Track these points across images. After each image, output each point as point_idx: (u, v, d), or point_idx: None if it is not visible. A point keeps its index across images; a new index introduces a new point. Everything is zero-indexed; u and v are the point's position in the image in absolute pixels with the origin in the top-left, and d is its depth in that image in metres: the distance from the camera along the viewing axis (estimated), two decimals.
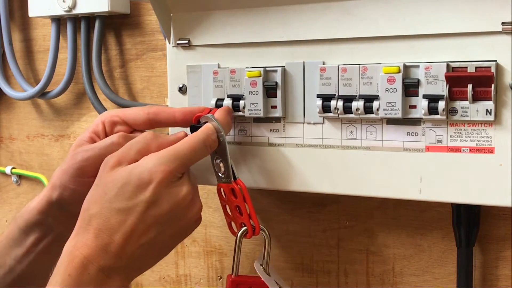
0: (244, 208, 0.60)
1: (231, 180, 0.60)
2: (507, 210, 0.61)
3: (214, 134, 0.58)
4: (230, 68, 0.62)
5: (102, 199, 0.52)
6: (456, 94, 0.53)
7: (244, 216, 0.60)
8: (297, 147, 0.61)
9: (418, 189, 0.56)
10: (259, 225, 0.60)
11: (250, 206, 0.60)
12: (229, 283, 0.62)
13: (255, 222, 0.60)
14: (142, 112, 0.61)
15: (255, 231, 0.60)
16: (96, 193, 0.53)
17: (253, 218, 0.60)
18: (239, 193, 0.59)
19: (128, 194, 0.52)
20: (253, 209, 0.60)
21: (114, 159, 0.54)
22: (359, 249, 0.69)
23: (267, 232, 0.62)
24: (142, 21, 0.79)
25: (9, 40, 0.86)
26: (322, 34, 0.58)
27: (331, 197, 0.69)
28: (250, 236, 0.60)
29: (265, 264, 0.63)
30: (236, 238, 0.61)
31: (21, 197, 0.93)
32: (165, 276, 0.82)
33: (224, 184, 0.60)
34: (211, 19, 0.63)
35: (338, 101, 0.57)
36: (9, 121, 0.93)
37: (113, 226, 0.51)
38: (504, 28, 0.51)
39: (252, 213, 0.60)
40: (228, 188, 0.60)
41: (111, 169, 0.54)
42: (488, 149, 0.53)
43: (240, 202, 0.60)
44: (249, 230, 0.60)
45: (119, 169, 0.54)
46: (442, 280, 0.65)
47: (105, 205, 0.52)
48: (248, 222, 0.60)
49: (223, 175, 0.60)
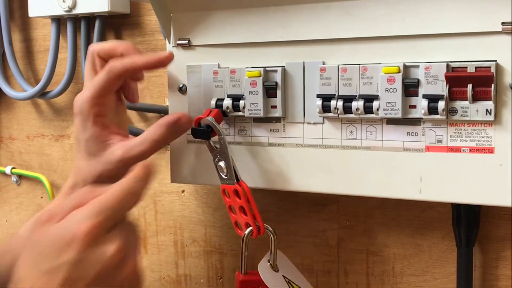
0: (248, 209, 0.61)
1: (234, 181, 0.60)
2: (507, 210, 0.61)
3: (141, 182, 0.51)
4: (230, 68, 0.62)
5: (31, 260, 0.48)
6: (456, 94, 0.53)
7: (249, 217, 0.61)
8: (297, 147, 0.61)
9: (418, 189, 0.56)
10: (263, 225, 0.61)
11: (254, 207, 0.61)
12: (239, 283, 0.63)
13: (260, 222, 0.61)
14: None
15: (260, 231, 0.61)
16: (26, 253, 0.49)
17: (258, 218, 0.61)
18: (243, 194, 0.60)
19: (54, 253, 0.47)
20: (257, 210, 0.61)
21: (46, 214, 0.50)
22: (359, 249, 0.69)
23: (272, 230, 0.63)
24: (142, 21, 0.79)
25: (9, 40, 0.86)
26: (322, 34, 0.58)
27: (331, 197, 0.69)
28: (255, 236, 0.61)
29: (273, 260, 0.63)
30: (243, 238, 0.61)
31: (21, 197, 0.93)
32: (165, 276, 0.82)
33: (227, 185, 0.61)
34: (211, 19, 0.63)
35: (338, 101, 0.57)
36: (9, 121, 0.93)
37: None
38: (504, 28, 0.51)
39: (256, 214, 0.61)
40: (231, 189, 0.61)
41: (41, 225, 0.49)
42: (488, 149, 0.53)
43: (244, 203, 0.61)
44: (254, 230, 0.61)
45: (50, 225, 0.49)
46: (442, 280, 0.65)
47: (35, 265, 0.48)
48: (253, 223, 0.61)
49: (226, 176, 0.61)
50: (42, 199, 0.91)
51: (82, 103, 0.60)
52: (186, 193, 0.79)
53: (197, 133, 0.62)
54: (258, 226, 0.61)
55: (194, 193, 0.79)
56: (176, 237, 0.80)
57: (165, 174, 0.79)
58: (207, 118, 0.61)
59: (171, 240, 0.81)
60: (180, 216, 0.80)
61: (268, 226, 0.62)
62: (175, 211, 0.80)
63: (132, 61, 0.59)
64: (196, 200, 0.79)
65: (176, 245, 0.81)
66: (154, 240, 0.82)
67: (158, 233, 0.82)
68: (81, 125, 0.60)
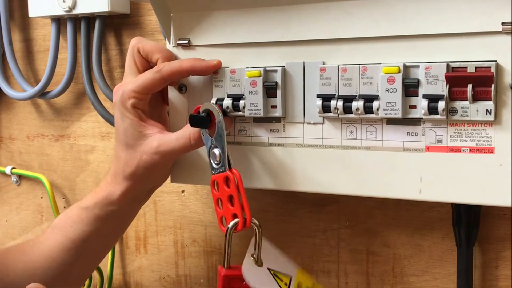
0: (237, 197, 0.58)
1: (226, 168, 0.59)
2: (507, 210, 0.61)
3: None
4: (230, 68, 0.62)
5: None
6: (456, 94, 0.53)
7: (236, 207, 0.58)
8: (297, 147, 0.61)
9: (418, 189, 0.56)
10: (250, 216, 0.58)
11: (243, 195, 0.58)
12: (221, 278, 0.60)
13: (247, 213, 0.58)
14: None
15: (246, 223, 0.58)
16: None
17: (246, 208, 0.58)
18: (233, 181, 0.58)
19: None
20: (245, 198, 0.58)
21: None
22: (359, 249, 0.69)
23: (257, 222, 0.60)
24: (142, 21, 0.79)
25: (9, 40, 0.86)
26: (322, 34, 0.58)
27: (331, 197, 0.69)
28: (241, 228, 0.58)
29: (257, 255, 0.61)
30: (227, 231, 0.58)
31: (21, 197, 0.93)
32: (165, 276, 0.82)
33: (218, 175, 0.59)
34: (211, 19, 0.63)
35: (338, 101, 0.57)
36: (9, 121, 0.93)
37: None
38: (504, 28, 0.51)
39: (244, 203, 0.58)
40: (222, 178, 0.59)
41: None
42: (488, 149, 0.53)
43: (233, 191, 0.58)
44: (240, 221, 0.58)
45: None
46: (442, 280, 0.65)
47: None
48: (240, 213, 0.58)
49: (218, 164, 0.59)
50: (42, 199, 0.91)
51: (123, 94, 0.62)
52: (186, 193, 0.79)
53: (194, 120, 0.61)
54: (244, 218, 0.58)
55: (194, 193, 0.79)
56: (176, 237, 0.80)
57: None
58: (207, 103, 0.60)
59: (171, 240, 0.81)
60: (180, 216, 0.80)
61: (253, 219, 0.59)
62: (175, 211, 0.80)
63: (179, 65, 0.62)
64: (196, 200, 0.79)
65: (176, 245, 0.81)
66: (154, 240, 0.82)
67: (158, 233, 0.82)
68: (119, 116, 0.63)
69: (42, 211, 0.91)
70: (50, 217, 0.89)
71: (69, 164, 0.88)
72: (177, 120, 0.66)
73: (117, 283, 0.85)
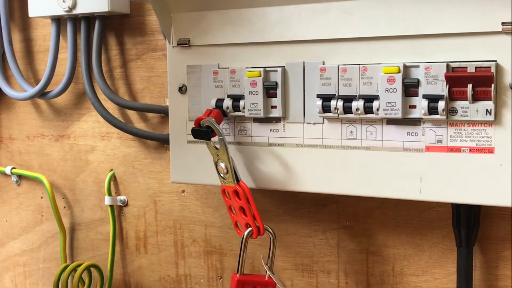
0: (248, 209, 0.61)
1: (234, 182, 0.60)
2: (507, 210, 0.61)
3: None
4: (230, 68, 0.62)
5: None
6: (456, 94, 0.53)
7: (248, 217, 0.61)
8: (297, 147, 0.61)
9: (418, 189, 0.56)
10: (263, 225, 0.62)
11: (254, 207, 0.61)
12: (235, 282, 0.63)
13: (260, 223, 0.61)
14: None
15: (260, 231, 0.62)
16: None
17: (258, 219, 0.61)
18: (243, 195, 0.61)
19: None
20: (257, 210, 0.61)
21: None
22: (359, 249, 0.69)
23: (272, 231, 0.63)
24: (142, 21, 0.79)
25: (9, 40, 0.86)
26: (322, 34, 0.58)
27: (331, 197, 0.69)
28: (255, 236, 0.62)
29: (270, 263, 0.63)
30: (243, 238, 0.62)
31: (21, 197, 0.93)
32: (165, 276, 0.82)
33: (227, 186, 0.61)
34: (211, 19, 0.63)
35: (338, 101, 0.57)
36: (9, 121, 0.93)
37: None
38: (504, 28, 0.51)
39: (256, 215, 0.61)
40: (231, 190, 0.61)
41: None
42: (488, 149, 0.53)
43: (244, 204, 0.61)
44: (254, 231, 0.62)
45: None
46: (442, 280, 0.65)
47: None
48: (253, 223, 0.61)
49: (226, 177, 0.61)
50: (42, 199, 0.91)
51: None
52: (186, 193, 0.79)
53: (197, 133, 0.62)
54: (258, 227, 0.62)
55: (194, 193, 0.79)
56: (176, 237, 0.80)
57: (165, 174, 0.79)
58: (207, 119, 0.61)
59: (171, 240, 0.81)
60: (180, 216, 0.80)
61: (268, 227, 0.62)
62: (175, 211, 0.80)
63: None
64: (196, 200, 0.79)
65: (176, 245, 0.81)
66: (154, 240, 0.82)
67: (158, 233, 0.82)
68: None
69: (42, 211, 0.91)
70: (50, 217, 0.89)
71: (69, 164, 0.88)
72: (177, 120, 0.66)
73: (117, 283, 0.85)
